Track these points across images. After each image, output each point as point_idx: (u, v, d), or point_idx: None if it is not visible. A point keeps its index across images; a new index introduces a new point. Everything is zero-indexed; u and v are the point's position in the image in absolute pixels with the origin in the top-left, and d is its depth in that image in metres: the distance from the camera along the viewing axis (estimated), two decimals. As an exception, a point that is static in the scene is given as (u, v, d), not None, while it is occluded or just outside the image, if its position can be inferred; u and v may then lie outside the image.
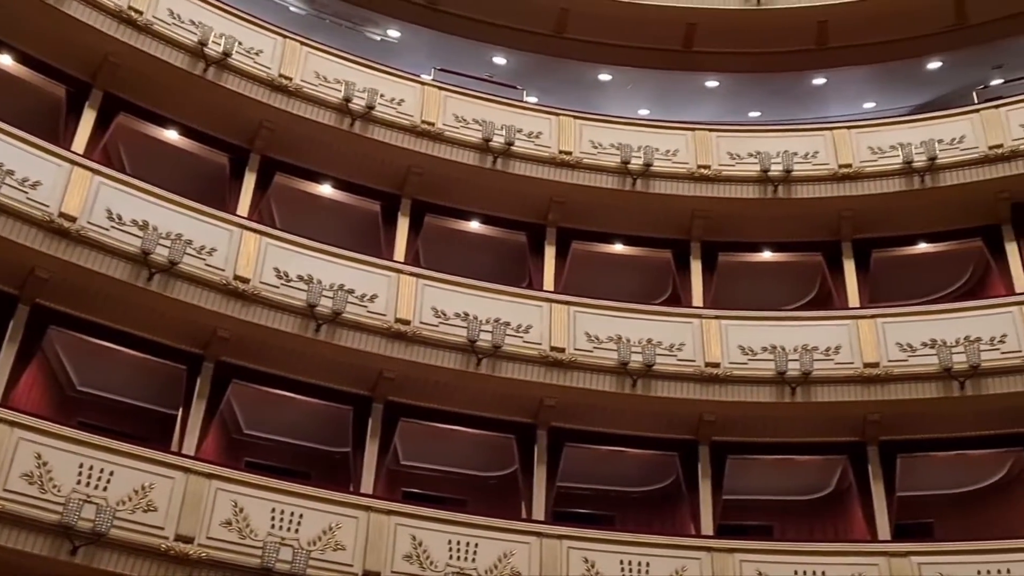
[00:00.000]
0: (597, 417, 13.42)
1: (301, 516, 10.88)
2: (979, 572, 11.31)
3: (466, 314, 12.97)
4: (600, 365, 13.11)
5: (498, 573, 11.26)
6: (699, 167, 14.75)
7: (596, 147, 14.82)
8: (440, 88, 14.82)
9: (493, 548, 11.40)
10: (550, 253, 14.73)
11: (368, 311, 12.66)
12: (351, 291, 12.62)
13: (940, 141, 14.42)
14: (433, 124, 14.36)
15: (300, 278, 12.47)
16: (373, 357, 12.62)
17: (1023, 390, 12.65)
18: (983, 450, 13.36)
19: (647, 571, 11.58)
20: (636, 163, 14.63)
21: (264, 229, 12.79)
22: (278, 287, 12.35)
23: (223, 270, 12.06)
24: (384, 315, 12.73)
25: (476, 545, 11.37)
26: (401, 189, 14.53)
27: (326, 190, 14.46)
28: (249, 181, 13.78)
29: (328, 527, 10.93)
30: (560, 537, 11.65)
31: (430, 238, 14.73)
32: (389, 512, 11.32)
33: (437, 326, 12.89)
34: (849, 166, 14.59)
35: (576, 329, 13.34)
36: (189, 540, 10.29)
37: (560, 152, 14.67)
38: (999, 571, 11.25)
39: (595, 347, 13.22)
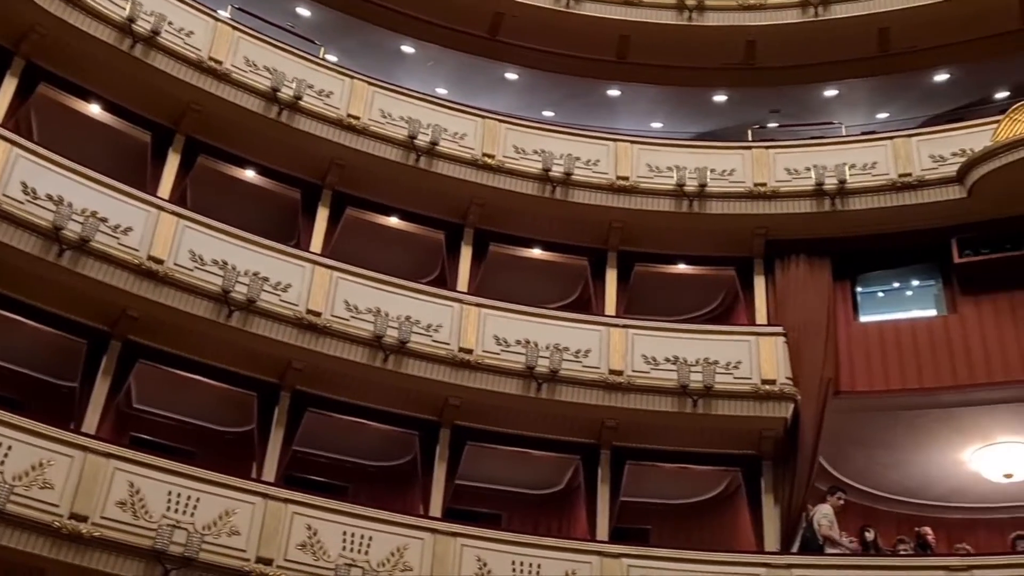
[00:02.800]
0: (344, 386, 13.24)
1: (9, 448, 10.19)
2: (682, 581, 11.90)
3: (224, 263, 12.52)
4: (355, 335, 12.94)
5: (216, 530, 10.87)
6: (484, 155, 14.82)
7: (386, 117, 14.64)
8: (234, 28, 14.23)
9: (215, 504, 11.01)
10: (323, 215, 14.44)
11: (119, 243, 12.01)
12: (104, 219, 11.94)
13: (712, 171, 15.07)
14: (221, 63, 13.78)
15: (49, 197, 11.68)
16: (118, 293, 11.98)
17: (748, 414, 13.41)
18: (705, 466, 14.09)
19: (369, 546, 11.47)
20: (423, 140, 14.56)
21: (16, 139, 11.87)
22: (23, 203, 11.52)
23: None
24: (137, 251, 12.12)
25: (197, 499, 10.96)
26: (177, 125, 13.89)
27: (95, 110, 13.62)
28: (8, 87, 12.79)
29: (38, 463, 10.29)
30: (286, 501, 11.39)
31: (201, 182, 14.14)
32: (108, 455, 10.75)
33: (192, 271, 12.38)
34: (626, 179, 15.04)
35: (336, 296, 13.12)
36: None
37: (348, 115, 14.40)
38: (698, 581, 11.87)
39: (352, 316, 13.04)
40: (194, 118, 13.86)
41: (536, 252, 15.40)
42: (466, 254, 14.92)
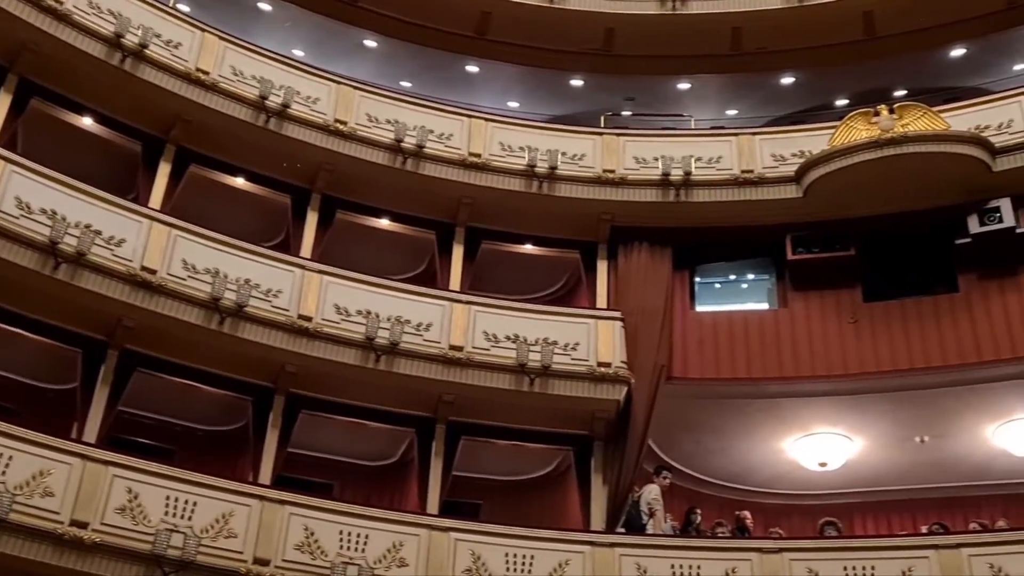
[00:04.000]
0: (177, 347, 12.82)
1: None
2: (507, 555, 11.98)
3: (54, 213, 11.91)
4: (191, 296, 12.52)
5: (28, 491, 10.36)
6: (336, 120, 14.59)
7: (237, 74, 14.24)
8: (77, -33, 13.57)
9: (29, 464, 10.49)
10: (164, 171, 13.94)
11: (-66, 190, 11.33)
12: (-82, 163, 11.24)
13: (564, 154, 15.23)
14: (61, 3, 13.06)
15: None
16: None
17: (583, 395, 13.62)
18: (538, 444, 14.27)
19: (193, 511, 11.15)
20: (274, 101, 14.22)
21: None
22: None
23: None
24: (-44, 196, 11.45)
25: (10, 458, 10.42)
26: (10, 65, 13.14)
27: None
28: None
29: None
30: (106, 463, 10.96)
31: (34, 127, 13.41)
32: (-87, 409, 10.18)
33: (18, 219, 11.70)
34: (479, 156, 15.05)
35: (174, 254, 12.66)
36: None
37: (197, 69, 13.93)
38: (524, 556, 11.98)
39: (190, 276, 12.62)
40: (29, 59, 13.16)
41: (384, 222, 15.28)
42: (312, 220, 14.67)
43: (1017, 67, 17.79)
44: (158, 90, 13.70)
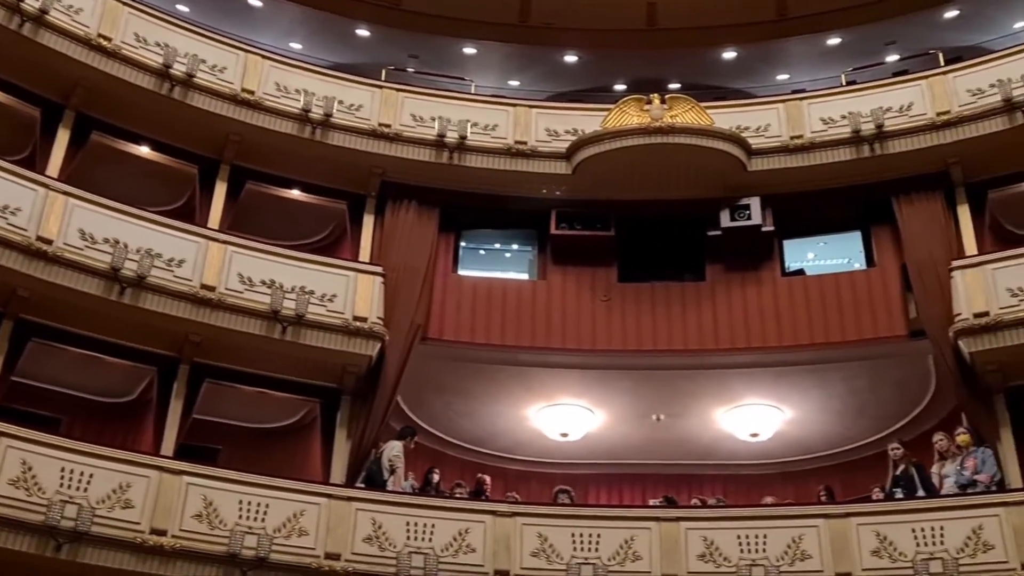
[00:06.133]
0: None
1: None
2: (241, 502, 11.69)
3: None
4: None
5: None
6: (100, 35, 13.62)
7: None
8: None
9: None
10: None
11: None
12: None
13: (341, 102, 14.91)
14: None
15: None
16: None
17: (336, 348, 13.44)
18: (286, 394, 14.01)
19: None
20: (31, 4, 13.12)
21: None
22: None
23: None
24: None
25: None
26: None
27: None
28: None
29: None
30: None
31: None
32: None
33: None
34: (252, 93, 14.50)
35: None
36: None
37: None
38: (258, 504, 11.74)
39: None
40: None
41: (144, 150, 14.49)
42: (63, 138, 13.70)
43: (780, 76, 18.90)
44: None
